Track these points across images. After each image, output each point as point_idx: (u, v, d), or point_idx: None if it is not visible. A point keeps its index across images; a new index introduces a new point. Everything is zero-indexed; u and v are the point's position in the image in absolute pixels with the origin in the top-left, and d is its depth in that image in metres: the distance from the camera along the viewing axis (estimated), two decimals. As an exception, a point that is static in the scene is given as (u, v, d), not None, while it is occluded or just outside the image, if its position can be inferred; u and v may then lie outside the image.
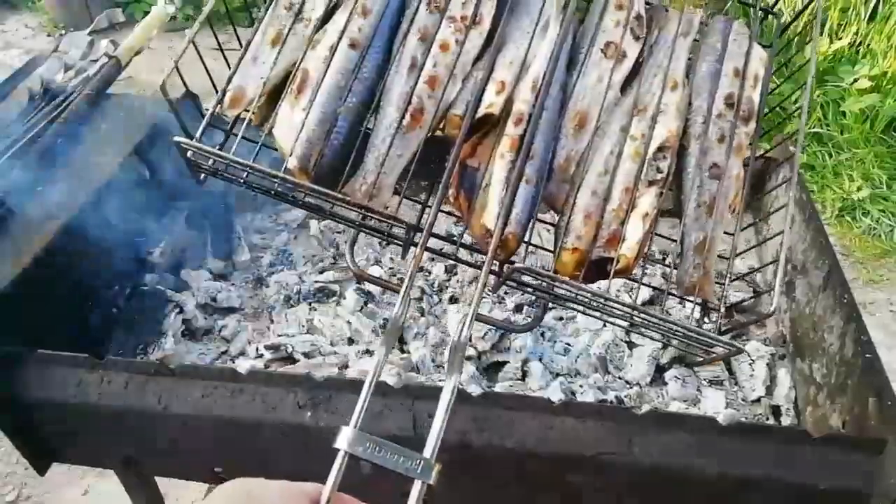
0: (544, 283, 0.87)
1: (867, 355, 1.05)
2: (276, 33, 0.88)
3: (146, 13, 1.77)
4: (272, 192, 0.85)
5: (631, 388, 1.28)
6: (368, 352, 1.32)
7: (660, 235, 0.94)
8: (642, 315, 0.83)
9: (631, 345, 1.36)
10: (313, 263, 1.58)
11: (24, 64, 1.67)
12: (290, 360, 1.32)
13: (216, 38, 0.99)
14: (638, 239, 0.83)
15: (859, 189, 2.89)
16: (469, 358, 1.29)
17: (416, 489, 0.51)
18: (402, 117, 0.85)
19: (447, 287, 1.49)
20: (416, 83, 0.87)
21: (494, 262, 0.79)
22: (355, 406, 0.63)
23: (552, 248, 0.87)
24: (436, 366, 1.31)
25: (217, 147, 0.82)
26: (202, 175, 0.87)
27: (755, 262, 1.60)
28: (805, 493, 0.94)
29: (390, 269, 1.54)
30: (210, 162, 0.83)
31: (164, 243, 1.51)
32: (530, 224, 0.85)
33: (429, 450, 0.54)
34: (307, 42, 0.88)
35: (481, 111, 0.86)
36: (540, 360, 1.30)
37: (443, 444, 0.99)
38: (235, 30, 1.02)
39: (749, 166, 0.91)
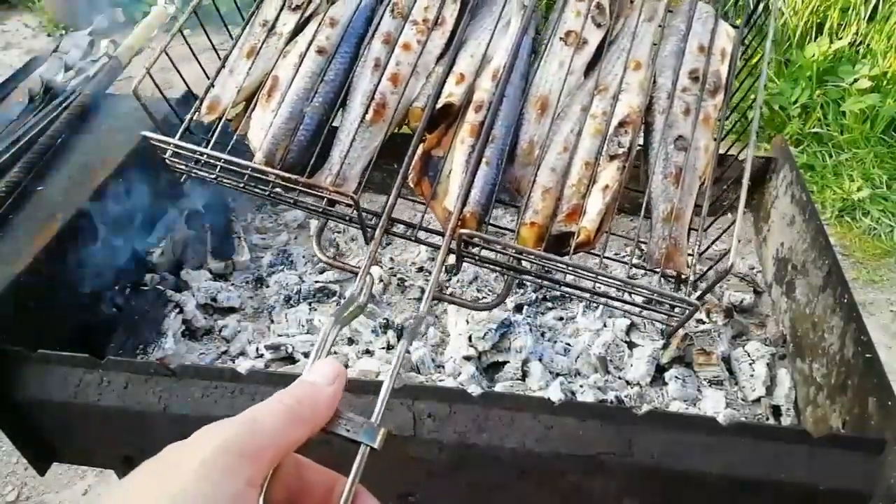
0: (500, 257, 0.86)
1: (867, 355, 1.05)
2: (250, 47, 0.95)
3: (146, 13, 1.77)
4: (242, 186, 0.87)
5: (631, 388, 1.28)
6: (368, 352, 1.32)
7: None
8: (603, 278, 0.80)
9: (631, 345, 1.36)
10: (313, 263, 1.58)
11: (24, 64, 1.67)
12: (290, 360, 1.32)
13: (209, 39, 0.99)
14: (598, 210, 0.81)
15: (859, 189, 2.89)
16: (469, 358, 1.29)
17: (360, 453, 0.50)
18: (366, 112, 0.89)
19: (447, 287, 1.49)
20: (379, 80, 0.91)
21: (453, 242, 0.79)
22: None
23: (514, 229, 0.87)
24: (436, 366, 1.31)
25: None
26: (181, 175, 0.91)
27: (756, 262, 1.60)
28: (805, 493, 0.94)
29: (390, 268, 1.54)
30: (182, 159, 0.88)
31: (164, 243, 1.51)
32: (491, 204, 0.85)
33: (375, 414, 0.53)
34: (279, 53, 0.94)
35: (442, 101, 0.89)
36: (540, 360, 1.30)
37: (443, 443, 0.99)
38: (228, 30, 1.03)
39: (718, 139, 0.89)
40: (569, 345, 1.35)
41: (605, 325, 1.38)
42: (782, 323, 1.41)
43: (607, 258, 0.81)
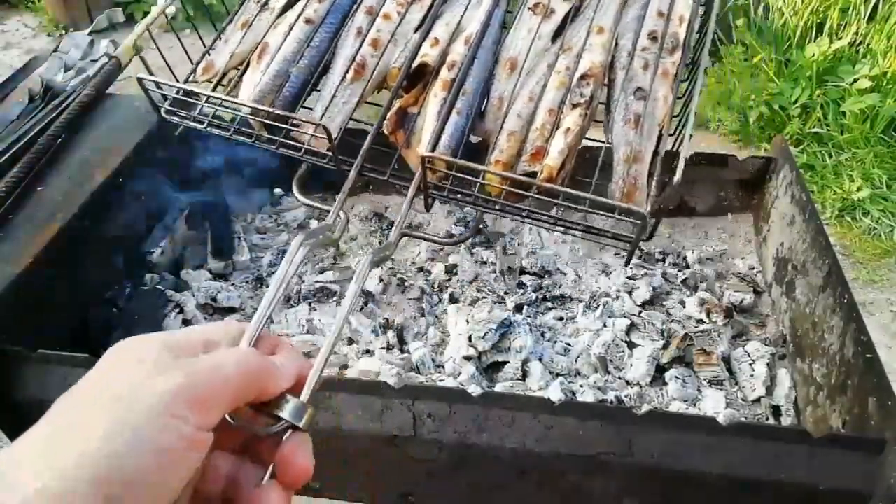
0: (470, 197, 0.89)
1: (867, 355, 1.05)
2: (244, 21, 1.03)
3: (146, 13, 1.77)
4: (229, 135, 0.93)
5: (631, 388, 1.28)
6: (368, 352, 1.32)
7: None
8: (564, 190, 0.82)
9: (631, 345, 1.36)
10: (313, 263, 1.58)
11: (24, 64, 1.67)
12: (290, 360, 1.32)
13: (200, 37, 1.00)
14: (560, 150, 0.85)
15: (859, 189, 2.88)
16: (469, 358, 1.29)
17: (286, 435, 0.46)
18: (347, 72, 0.96)
19: (447, 287, 1.49)
20: (360, 45, 0.99)
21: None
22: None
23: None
24: (436, 366, 1.31)
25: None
26: (175, 127, 0.95)
27: (755, 262, 1.60)
28: (805, 493, 0.94)
29: (390, 268, 1.54)
30: (172, 99, 0.94)
31: (164, 243, 1.51)
32: (460, 149, 0.90)
33: (305, 391, 0.49)
34: (270, 25, 1.02)
35: (417, 61, 0.95)
36: (540, 360, 1.30)
37: (443, 443, 0.99)
38: (215, 25, 1.08)
39: (676, 93, 0.93)
40: (569, 345, 1.35)
41: (605, 325, 1.38)
42: (782, 323, 1.41)
43: (565, 204, 0.83)
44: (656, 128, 0.89)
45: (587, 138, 0.92)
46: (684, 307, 1.46)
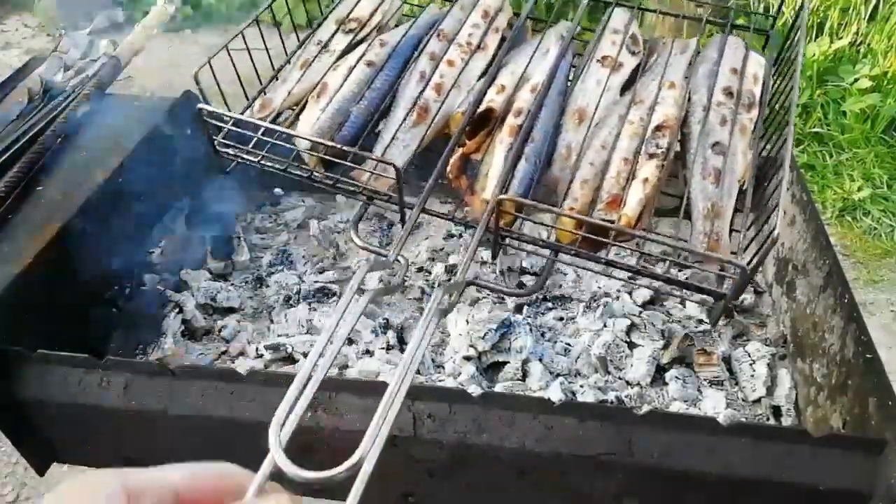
0: (542, 242, 0.87)
1: (868, 355, 1.05)
2: (303, 61, 1.02)
3: (146, 13, 1.77)
4: (284, 169, 0.91)
5: (631, 388, 1.28)
6: (368, 352, 1.32)
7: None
8: (651, 237, 0.80)
9: (631, 345, 1.36)
10: (313, 263, 1.57)
11: (23, 64, 1.67)
12: (290, 360, 1.32)
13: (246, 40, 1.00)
14: (639, 199, 0.82)
15: (860, 189, 2.88)
16: (469, 358, 1.29)
17: None
18: (409, 114, 0.93)
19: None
20: (423, 89, 0.96)
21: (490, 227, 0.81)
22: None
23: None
24: (436, 366, 1.31)
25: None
26: (225, 159, 0.94)
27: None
28: (805, 493, 0.94)
29: (391, 269, 1.53)
30: (232, 142, 0.91)
31: (164, 243, 1.51)
32: (529, 197, 0.87)
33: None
34: (329, 66, 1.01)
35: (483, 106, 0.93)
36: (540, 360, 1.30)
37: (443, 443, 0.99)
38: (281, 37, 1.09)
39: (756, 150, 0.91)
40: (569, 345, 1.35)
41: (605, 326, 1.38)
42: (783, 323, 1.41)
43: (655, 239, 0.80)
44: (736, 183, 0.87)
45: (662, 192, 0.89)
46: (685, 307, 1.46)
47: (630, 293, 1.46)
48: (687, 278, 0.88)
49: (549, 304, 1.45)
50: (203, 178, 1.57)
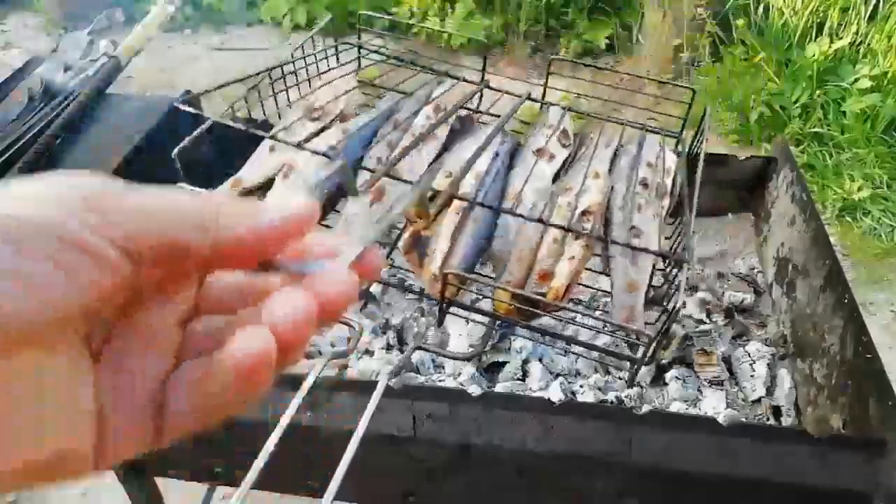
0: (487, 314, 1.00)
1: (868, 355, 1.05)
2: (270, 145, 1.12)
3: (146, 13, 1.77)
4: None
5: (631, 388, 1.28)
6: (368, 352, 1.32)
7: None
8: (570, 308, 0.97)
9: (632, 345, 1.36)
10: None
11: (24, 64, 1.67)
12: (290, 360, 1.32)
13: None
14: (566, 274, 0.94)
15: (860, 189, 2.88)
16: (469, 358, 1.29)
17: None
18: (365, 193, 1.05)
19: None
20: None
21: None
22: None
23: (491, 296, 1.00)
24: (436, 366, 1.31)
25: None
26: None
27: (756, 262, 1.60)
28: (805, 493, 0.94)
29: (391, 269, 1.53)
30: None
31: (164, 243, 1.51)
32: (473, 270, 0.99)
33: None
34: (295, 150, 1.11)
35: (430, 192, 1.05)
36: (540, 360, 1.30)
37: (443, 443, 0.99)
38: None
39: (663, 234, 1.07)
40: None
41: (605, 325, 1.38)
42: (783, 323, 1.41)
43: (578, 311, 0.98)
44: (650, 262, 1.01)
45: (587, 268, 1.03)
46: (685, 307, 1.46)
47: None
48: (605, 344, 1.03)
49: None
50: (203, 178, 1.57)
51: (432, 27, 3.73)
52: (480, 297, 0.99)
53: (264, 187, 1.06)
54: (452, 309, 0.99)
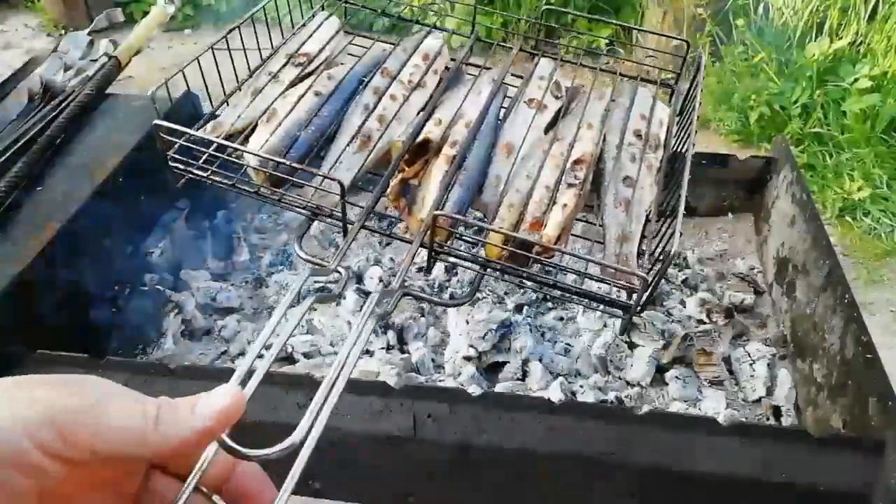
0: (472, 255, 0.94)
1: (868, 355, 1.05)
2: (254, 88, 1.08)
3: (146, 13, 1.77)
4: (232, 184, 0.95)
5: (631, 388, 1.28)
6: (368, 352, 1.32)
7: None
8: (567, 252, 0.90)
9: (631, 345, 1.36)
10: (313, 264, 1.57)
11: (24, 64, 1.67)
12: (290, 360, 1.32)
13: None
14: (558, 223, 0.92)
15: (860, 189, 2.88)
16: (469, 358, 1.29)
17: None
18: (352, 141, 1.02)
19: (447, 287, 1.49)
20: (367, 119, 1.05)
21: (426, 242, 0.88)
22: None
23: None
24: (436, 366, 1.31)
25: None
26: (176, 173, 0.97)
27: (756, 262, 1.60)
28: (805, 493, 0.94)
29: (390, 268, 1.54)
30: (182, 157, 0.95)
31: (164, 243, 1.51)
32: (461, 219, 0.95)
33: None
34: (278, 94, 1.07)
35: (421, 136, 1.01)
36: (540, 360, 1.30)
37: (443, 443, 0.99)
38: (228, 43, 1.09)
39: (660, 184, 1.03)
40: (569, 345, 1.35)
41: (605, 326, 1.38)
42: (783, 323, 1.41)
43: (570, 253, 0.90)
44: (643, 213, 0.98)
45: (578, 219, 1.01)
46: (685, 307, 1.46)
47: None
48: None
49: (550, 304, 1.45)
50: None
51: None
52: (472, 244, 0.95)
53: (244, 131, 1.02)
54: (442, 256, 0.94)
